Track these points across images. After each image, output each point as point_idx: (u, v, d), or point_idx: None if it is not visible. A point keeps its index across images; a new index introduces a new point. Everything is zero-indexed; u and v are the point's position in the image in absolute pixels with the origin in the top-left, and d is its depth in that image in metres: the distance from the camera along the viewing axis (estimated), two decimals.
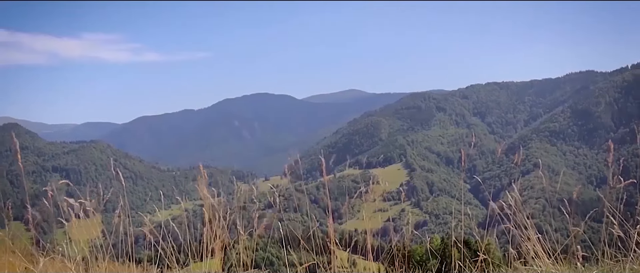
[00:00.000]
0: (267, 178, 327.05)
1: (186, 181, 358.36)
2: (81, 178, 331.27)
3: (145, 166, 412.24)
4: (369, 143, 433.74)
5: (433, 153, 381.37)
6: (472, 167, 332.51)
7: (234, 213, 8.48)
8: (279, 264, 9.46)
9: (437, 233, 44.87)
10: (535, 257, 8.42)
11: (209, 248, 8.35)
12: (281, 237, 9.46)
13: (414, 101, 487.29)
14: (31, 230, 8.66)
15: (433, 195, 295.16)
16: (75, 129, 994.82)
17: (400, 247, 9.57)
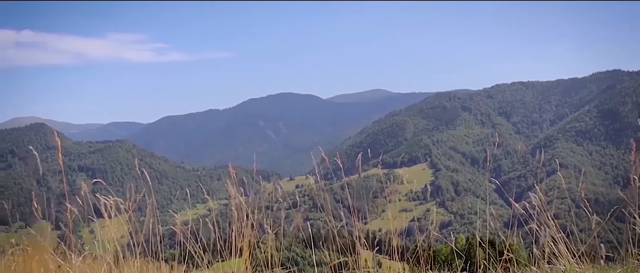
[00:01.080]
0: (292, 177, 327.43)
1: (211, 181, 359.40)
2: (107, 177, 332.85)
3: (170, 165, 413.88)
4: (394, 143, 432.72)
5: (458, 153, 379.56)
6: (497, 167, 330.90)
7: (260, 212, 8.51)
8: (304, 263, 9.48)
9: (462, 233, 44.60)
10: (560, 256, 8.41)
11: (236, 247, 8.39)
12: (306, 237, 9.49)
13: (439, 100, 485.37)
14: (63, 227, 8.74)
15: (458, 195, 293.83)
16: (101, 129, 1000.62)
17: (425, 247, 9.58)
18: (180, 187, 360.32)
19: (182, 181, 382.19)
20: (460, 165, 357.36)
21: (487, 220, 9.70)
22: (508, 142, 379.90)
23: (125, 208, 8.15)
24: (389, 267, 10.15)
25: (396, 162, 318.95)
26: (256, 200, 8.57)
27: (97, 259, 8.17)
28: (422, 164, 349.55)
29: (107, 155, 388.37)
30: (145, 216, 8.39)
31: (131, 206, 8.26)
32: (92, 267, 7.88)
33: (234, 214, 8.43)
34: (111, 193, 8.22)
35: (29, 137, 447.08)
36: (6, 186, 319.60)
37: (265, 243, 8.84)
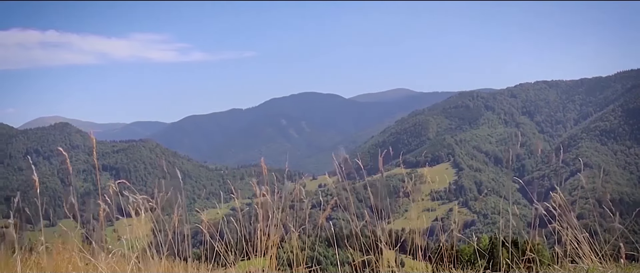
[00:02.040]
0: (314, 176, 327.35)
1: (234, 180, 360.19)
2: (130, 176, 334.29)
3: (193, 165, 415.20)
4: (416, 142, 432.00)
5: (481, 152, 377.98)
6: (520, 167, 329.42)
7: (284, 211, 8.53)
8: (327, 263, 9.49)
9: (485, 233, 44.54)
10: (583, 256, 8.38)
11: (262, 246, 8.41)
12: (329, 236, 9.49)
13: (462, 99, 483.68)
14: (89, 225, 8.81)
15: (481, 194, 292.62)
16: (124, 128, 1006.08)
17: (448, 247, 9.57)
18: (203, 186, 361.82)
19: (205, 180, 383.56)
20: (483, 165, 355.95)
21: (510, 219, 9.68)
22: (531, 141, 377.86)
23: (152, 206, 8.21)
24: (412, 266, 10.14)
25: (419, 161, 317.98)
26: (280, 199, 8.59)
27: (124, 258, 8.24)
28: (445, 164, 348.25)
29: (130, 154, 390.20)
30: (170, 215, 8.44)
31: (160, 205, 8.33)
32: (119, 265, 7.93)
33: (259, 213, 8.46)
34: (136, 192, 8.28)
35: (54, 136, 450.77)
36: (31, 186, 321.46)
37: (287, 242, 8.86)
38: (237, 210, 9.21)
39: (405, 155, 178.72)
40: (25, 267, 7.84)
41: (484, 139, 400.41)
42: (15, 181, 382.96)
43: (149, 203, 8.19)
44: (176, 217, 8.54)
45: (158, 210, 8.27)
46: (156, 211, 8.27)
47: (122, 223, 9.12)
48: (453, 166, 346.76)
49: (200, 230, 9.15)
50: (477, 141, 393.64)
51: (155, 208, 8.25)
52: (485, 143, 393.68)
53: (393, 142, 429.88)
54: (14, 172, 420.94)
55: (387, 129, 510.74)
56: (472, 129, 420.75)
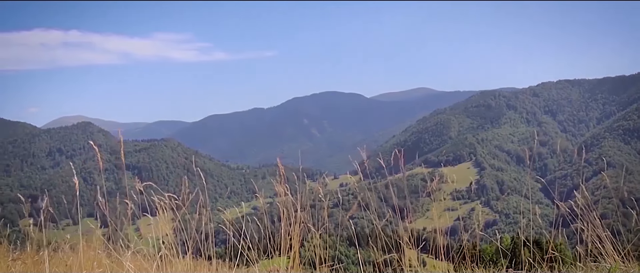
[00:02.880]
0: (336, 176, 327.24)
1: (256, 180, 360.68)
2: (152, 175, 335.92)
3: (215, 164, 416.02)
4: (438, 141, 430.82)
5: (503, 152, 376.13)
6: (543, 166, 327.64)
7: (305, 210, 8.53)
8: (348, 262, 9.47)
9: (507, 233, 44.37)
10: (606, 255, 8.34)
11: (284, 245, 8.42)
12: (350, 235, 9.49)
13: (484, 99, 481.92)
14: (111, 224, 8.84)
15: (503, 194, 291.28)
16: (146, 128, 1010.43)
17: (470, 246, 9.54)
18: (225, 186, 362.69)
19: (226, 179, 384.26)
20: (505, 164, 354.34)
21: (532, 219, 9.63)
22: (554, 141, 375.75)
23: (178, 205, 8.25)
24: (434, 265, 10.13)
25: (440, 161, 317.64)
26: (302, 198, 8.59)
27: (147, 256, 8.27)
28: (466, 163, 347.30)
29: (152, 154, 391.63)
30: (191, 214, 8.47)
31: (185, 203, 8.36)
32: (142, 264, 7.96)
33: (282, 212, 8.47)
34: (160, 191, 8.32)
35: (76, 136, 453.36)
36: (54, 184, 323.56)
37: (309, 241, 8.86)
38: (258, 209, 9.24)
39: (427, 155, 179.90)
40: (52, 265, 7.90)
41: (506, 139, 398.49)
42: (39, 180, 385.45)
43: (176, 202, 8.23)
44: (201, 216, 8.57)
45: (184, 209, 8.31)
46: (182, 210, 8.31)
47: (143, 222, 9.17)
48: (474, 165, 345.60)
49: (222, 229, 9.17)
50: (498, 141, 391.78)
51: (182, 207, 8.30)
52: (507, 142, 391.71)
53: (415, 141, 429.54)
54: (37, 171, 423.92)
55: (409, 129, 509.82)
56: (494, 129, 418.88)
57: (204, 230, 8.59)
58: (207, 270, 8.49)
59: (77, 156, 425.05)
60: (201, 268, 8.43)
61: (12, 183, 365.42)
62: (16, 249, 9.44)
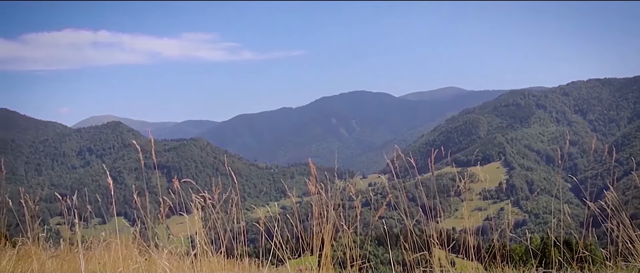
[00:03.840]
0: (364, 175, 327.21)
1: (284, 179, 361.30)
2: (181, 174, 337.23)
3: (244, 163, 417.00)
4: (467, 141, 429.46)
5: (533, 151, 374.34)
6: (573, 165, 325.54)
7: (334, 209, 8.52)
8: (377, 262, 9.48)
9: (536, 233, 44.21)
10: (637, 255, 8.28)
11: (315, 244, 8.42)
12: (379, 235, 9.47)
13: (514, 98, 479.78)
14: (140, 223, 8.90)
15: (533, 193, 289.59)
16: (175, 127, 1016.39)
17: (499, 246, 9.48)
18: (254, 185, 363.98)
19: (255, 179, 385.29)
20: (535, 164, 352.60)
21: (562, 219, 9.55)
22: (584, 140, 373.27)
23: (213, 203, 8.29)
24: (463, 265, 10.08)
25: (470, 160, 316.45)
26: (332, 197, 8.59)
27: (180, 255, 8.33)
28: (495, 163, 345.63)
29: (181, 153, 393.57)
30: (220, 213, 8.49)
31: (220, 202, 8.39)
32: (175, 262, 8.01)
33: (314, 210, 8.47)
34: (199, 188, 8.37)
35: (106, 135, 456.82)
36: (84, 183, 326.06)
37: (338, 241, 8.85)
38: (287, 208, 9.24)
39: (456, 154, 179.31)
40: (86, 263, 7.97)
41: (536, 138, 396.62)
42: (69, 180, 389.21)
43: (209, 200, 8.27)
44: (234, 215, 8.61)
45: (218, 207, 8.35)
46: (216, 208, 8.35)
47: (173, 221, 9.21)
48: (504, 165, 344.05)
49: (252, 228, 9.20)
50: (528, 140, 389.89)
51: (216, 205, 8.33)
52: (536, 142, 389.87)
53: (443, 141, 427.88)
54: (67, 170, 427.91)
55: (438, 128, 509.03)
56: (524, 128, 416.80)
57: (235, 229, 8.62)
58: (239, 268, 8.53)
59: (107, 155, 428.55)
60: (233, 267, 8.46)
61: (43, 182, 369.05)
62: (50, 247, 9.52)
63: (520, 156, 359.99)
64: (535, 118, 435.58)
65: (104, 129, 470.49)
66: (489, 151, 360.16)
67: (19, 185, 10.39)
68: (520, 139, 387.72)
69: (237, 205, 8.71)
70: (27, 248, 8.85)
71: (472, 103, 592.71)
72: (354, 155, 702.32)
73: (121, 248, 8.57)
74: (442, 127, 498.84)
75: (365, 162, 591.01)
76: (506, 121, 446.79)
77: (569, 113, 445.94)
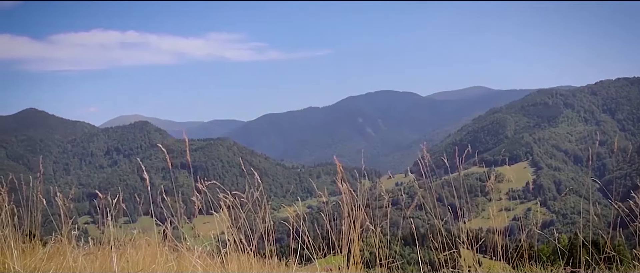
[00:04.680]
0: (391, 175, 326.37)
1: (310, 179, 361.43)
2: (208, 174, 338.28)
3: (270, 163, 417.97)
4: (494, 141, 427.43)
5: (560, 151, 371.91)
6: (601, 165, 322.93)
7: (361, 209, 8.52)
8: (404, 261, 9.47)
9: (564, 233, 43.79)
10: None
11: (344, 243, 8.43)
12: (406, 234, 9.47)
13: (541, 97, 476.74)
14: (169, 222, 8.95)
15: (560, 193, 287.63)
16: (202, 127, 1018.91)
17: (526, 246, 9.45)
18: (280, 184, 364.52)
19: (282, 178, 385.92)
20: (563, 164, 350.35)
21: (589, 219, 9.51)
22: (612, 140, 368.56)
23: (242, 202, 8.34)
24: (490, 266, 10.06)
25: (497, 160, 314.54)
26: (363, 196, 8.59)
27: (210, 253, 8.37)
28: (523, 163, 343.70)
29: (208, 152, 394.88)
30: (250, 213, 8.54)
31: (248, 202, 8.43)
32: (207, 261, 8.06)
33: (344, 210, 8.47)
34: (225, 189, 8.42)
35: (133, 135, 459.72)
36: (112, 183, 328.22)
37: (365, 241, 8.86)
38: (313, 207, 9.26)
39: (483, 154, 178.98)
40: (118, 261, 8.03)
41: (563, 138, 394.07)
42: (97, 179, 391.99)
43: (241, 199, 8.32)
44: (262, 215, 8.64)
45: (249, 205, 8.39)
46: (246, 207, 8.40)
47: (200, 220, 9.25)
48: (531, 165, 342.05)
49: (279, 227, 9.22)
50: (556, 140, 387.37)
51: (246, 204, 8.38)
52: (564, 141, 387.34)
53: (470, 140, 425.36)
54: (95, 170, 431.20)
55: (465, 128, 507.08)
56: (551, 128, 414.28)
57: (263, 228, 8.65)
58: (268, 267, 8.56)
59: (134, 155, 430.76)
60: (262, 266, 8.49)
61: (71, 181, 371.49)
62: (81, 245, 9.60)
63: (548, 156, 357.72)
64: (563, 118, 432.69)
65: (131, 129, 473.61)
66: (516, 151, 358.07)
67: (48, 184, 10.48)
68: (547, 139, 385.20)
69: (265, 205, 8.74)
70: (59, 246, 8.95)
71: (499, 103, 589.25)
72: (380, 155, 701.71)
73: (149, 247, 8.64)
74: (469, 126, 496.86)
75: (392, 162, 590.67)
76: (534, 120, 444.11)
77: (597, 112, 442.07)
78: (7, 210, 8.81)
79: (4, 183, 9.62)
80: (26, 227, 9.88)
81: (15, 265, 7.51)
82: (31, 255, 8.31)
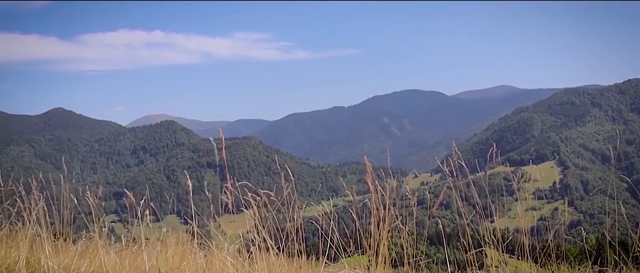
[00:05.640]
0: (416, 174, 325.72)
1: (336, 178, 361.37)
2: (234, 173, 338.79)
3: (296, 162, 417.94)
4: (520, 140, 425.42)
5: (588, 150, 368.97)
6: (629, 165, 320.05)
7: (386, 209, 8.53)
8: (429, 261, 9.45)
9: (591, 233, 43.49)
10: None
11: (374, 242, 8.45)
12: (431, 234, 9.48)
13: (568, 96, 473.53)
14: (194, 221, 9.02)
15: (588, 193, 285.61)
16: (228, 126, 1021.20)
17: (553, 247, 9.42)
18: (306, 184, 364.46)
19: (307, 178, 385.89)
20: (590, 163, 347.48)
21: (617, 219, 9.47)
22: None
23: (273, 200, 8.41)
24: (516, 265, 10.04)
25: (523, 159, 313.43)
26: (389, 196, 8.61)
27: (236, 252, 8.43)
28: (549, 162, 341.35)
29: (234, 152, 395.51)
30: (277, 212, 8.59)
31: (281, 200, 8.49)
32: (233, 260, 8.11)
33: (373, 208, 8.50)
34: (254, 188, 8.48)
35: (160, 134, 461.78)
36: (139, 182, 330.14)
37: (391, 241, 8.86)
38: (338, 207, 9.30)
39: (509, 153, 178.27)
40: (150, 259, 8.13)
41: (591, 137, 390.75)
42: (123, 178, 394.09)
43: (268, 198, 8.39)
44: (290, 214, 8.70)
45: (278, 204, 8.46)
46: (275, 206, 8.46)
47: (225, 220, 9.32)
48: (558, 164, 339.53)
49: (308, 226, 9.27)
50: (583, 139, 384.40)
51: (275, 202, 8.44)
52: (591, 141, 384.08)
53: (496, 140, 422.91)
54: (122, 169, 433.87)
55: (491, 127, 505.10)
56: (578, 127, 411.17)
57: (290, 227, 8.70)
58: (296, 267, 8.60)
59: (161, 154, 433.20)
60: (289, 266, 8.53)
61: (98, 180, 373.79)
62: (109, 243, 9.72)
63: (575, 156, 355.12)
64: (590, 117, 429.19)
65: (157, 128, 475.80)
66: (542, 150, 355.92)
67: (75, 184, 10.62)
68: (574, 138, 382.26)
69: (292, 204, 8.79)
70: (90, 243, 9.07)
71: (526, 102, 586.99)
72: (406, 154, 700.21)
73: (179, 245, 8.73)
74: (495, 126, 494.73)
75: (417, 161, 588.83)
76: (560, 119, 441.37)
77: (625, 111, 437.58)
78: (39, 209, 8.94)
79: (34, 183, 9.75)
80: (57, 226, 10.01)
81: (49, 262, 7.63)
82: (63, 252, 8.42)
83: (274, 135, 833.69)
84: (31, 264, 7.72)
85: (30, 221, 8.71)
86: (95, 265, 7.99)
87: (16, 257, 7.68)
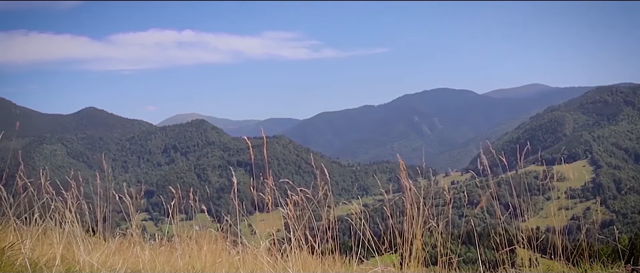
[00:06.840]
0: (447, 173, 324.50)
1: (366, 177, 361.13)
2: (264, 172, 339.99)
3: (326, 161, 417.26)
4: (552, 139, 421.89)
5: (621, 149, 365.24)
6: None
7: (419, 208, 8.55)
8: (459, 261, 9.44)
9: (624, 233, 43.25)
10: None
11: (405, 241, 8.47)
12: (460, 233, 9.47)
13: (600, 94, 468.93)
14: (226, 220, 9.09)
15: (620, 193, 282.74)
16: (258, 125, 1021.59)
17: (585, 246, 9.40)
18: (336, 183, 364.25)
19: (337, 176, 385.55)
20: (623, 162, 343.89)
21: None
22: None
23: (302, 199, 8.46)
24: (548, 265, 10.01)
25: (555, 158, 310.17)
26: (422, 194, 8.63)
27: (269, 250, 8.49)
28: (582, 161, 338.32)
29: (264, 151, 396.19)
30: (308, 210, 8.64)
31: (317, 198, 8.55)
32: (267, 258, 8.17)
33: (407, 207, 8.52)
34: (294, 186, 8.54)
35: (190, 133, 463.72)
36: (169, 181, 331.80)
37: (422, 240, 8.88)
38: (368, 205, 9.30)
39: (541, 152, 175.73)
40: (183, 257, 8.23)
41: (624, 136, 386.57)
42: (154, 176, 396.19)
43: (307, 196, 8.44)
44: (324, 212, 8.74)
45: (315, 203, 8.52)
46: (312, 204, 8.52)
47: (255, 218, 9.38)
48: (590, 163, 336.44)
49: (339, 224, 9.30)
50: (616, 138, 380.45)
51: (312, 200, 8.50)
52: (625, 140, 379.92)
53: (528, 138, 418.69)
54: (153, 167, 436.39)
55: (522, 126, 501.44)
56: (611, 126, 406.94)
57: (324, 225, 8.74)
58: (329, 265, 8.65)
59: (191, 152, 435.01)
60: (322, 263, 8.58)
61: (129, 178, 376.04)
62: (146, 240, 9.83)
63: (608, 155, 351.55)
64: (623, 115, 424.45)
65: (188, 127, 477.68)
66: (574, 149, 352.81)
67: (107, 182, 10.75)
68: (607, 137, 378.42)
69: (327, 202, 8.84)
70: (123, 241, 9.19)
71: (557, 100, 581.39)
72: (436, 153, 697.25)
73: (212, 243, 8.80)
74: (526, 125, 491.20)
75: (448, 160, 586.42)
76: (593, 118, 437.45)
77: None
78: (73, 207, 9.05)
79: (69, 181, 9.87)
80: (90, 223, 10.14)
81: (84, 258, 7.73)
82: (98, 249, 8.52)
83: (304, 134, 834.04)
84: (67, 261, 7.82)
85: (65, 218, 8.82)
86: (129, 262, 8.08)
87: (52, 254, 7.78)
